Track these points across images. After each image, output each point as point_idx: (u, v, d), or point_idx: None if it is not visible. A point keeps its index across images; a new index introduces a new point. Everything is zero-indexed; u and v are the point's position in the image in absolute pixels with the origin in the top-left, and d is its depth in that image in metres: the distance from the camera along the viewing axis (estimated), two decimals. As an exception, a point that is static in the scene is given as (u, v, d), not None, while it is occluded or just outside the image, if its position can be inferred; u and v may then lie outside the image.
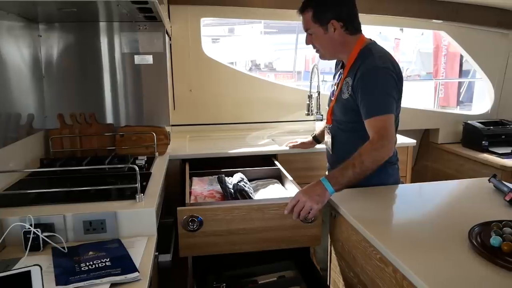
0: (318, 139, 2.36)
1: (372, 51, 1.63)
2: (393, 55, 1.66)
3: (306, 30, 1.71)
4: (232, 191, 1.77)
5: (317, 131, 2.39)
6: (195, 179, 2.03)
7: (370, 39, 1.72)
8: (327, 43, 1.69)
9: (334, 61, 1.93)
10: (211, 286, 1.67)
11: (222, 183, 1.81)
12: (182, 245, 1.55)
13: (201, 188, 1.90)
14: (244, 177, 1.91)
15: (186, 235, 1.54)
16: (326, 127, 1.88)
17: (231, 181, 1.86)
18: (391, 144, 1.51)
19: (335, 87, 1.81)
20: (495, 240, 1.08)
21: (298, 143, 2.44)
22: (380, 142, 1.49)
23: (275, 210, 1.56)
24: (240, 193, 1.75)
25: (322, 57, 1.79)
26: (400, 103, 1.68)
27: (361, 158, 1.48)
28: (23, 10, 1.80)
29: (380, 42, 1.73)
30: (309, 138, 2.41)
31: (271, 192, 1.90)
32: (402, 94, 1.67)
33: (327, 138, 1.86)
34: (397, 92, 1.60)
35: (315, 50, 1.76)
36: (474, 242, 1.10)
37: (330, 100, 1.85)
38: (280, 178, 2.09)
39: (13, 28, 1.85)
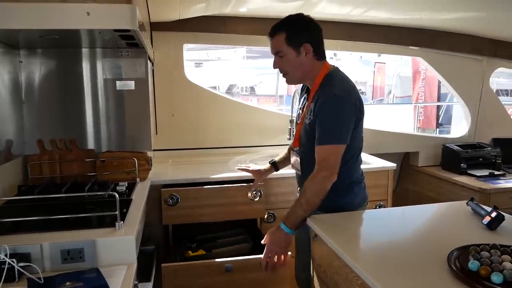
0: (277, 166, 2.16)
1: (333, 79, 1.69)
2: (374, 78, 1.73)
3: (276, 53, 1.73)
4: None
5: (279, 156, 2.18)
6: None
7: (333, 66, 1.77)
8: (297, 67, 1.72)
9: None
10: (185, 246, 2.25)
11: None
12: (165, 216, 2.24)
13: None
14: None
15: (167, 209, 2.23)
16: (293, 149, 1.89)
17: None
18: (331, 174, 1.60)
19: (301, 111, 1.86)
20: (473, 264, 1.09)
21: (250, 168, 2.23)
22: (319, 174, 1.61)
23: (232, 191, 2.29)
24: None
25: (289, 81, 1.82)
26: (362, 126, 1.73)
27: (305, 195, 1.62)
28: (4, 36, 1.79)
29: (361, 67, 1.80)
30: (266, 165, 2.20)
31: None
32: (363, 117, 1.71)
33: (295, 160, 1.87)
34: (354, 120, 1.65)
35: (282, 74, 1.79)
36: (453, 267, 1.12)
37: (296, 123, 1.90)
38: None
39: (-7, 54, 1.84)
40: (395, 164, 2.71)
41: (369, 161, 2.88)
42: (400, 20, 3.05)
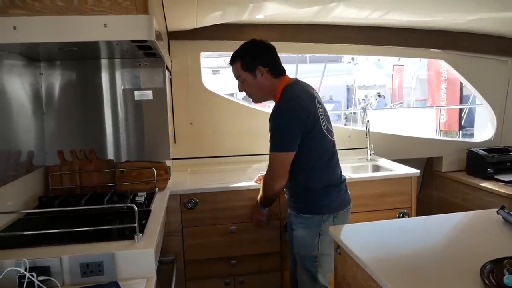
0: None
1: (284, 94, 1.88)
2: (393, 82, 1.76)
3: (237, 78, 1.95)
4: None
5: None
6: None
7: (293, 79, 1.96)
8: (257, 88, 1.93)
9: (332, 89, 2.03)
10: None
11: None
12: (184, 219, 2.37)
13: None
14: None
15: (186, 212, 2.37)
16: None
17: None
18: (273, 178, 1.90)
19: None
20: (509, 279, 1.03)
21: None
22: (267, 177, 1.93)
23: (248, 194, 2.37)
24: None
25: (255, 101, 2.07)
26: (318, 133, 1.87)
27: (262, 189, 2.02)
28: (25, 50, 1.82)
29: (376, 70, 1.80)
30: None
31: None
32: (315, 126, 1.85)
33: None
34: (299, 130, 1.81)
35: (248, 95, 2.02)
36: (487, 282, 1.06)
37: None
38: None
39: (15, 66, 1.86)
40: (418, 171, 2.64)
41: (391, 168, 2.82)
42: (420, 22, 2.99)
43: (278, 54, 1.97)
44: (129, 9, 1.42)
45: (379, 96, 12.34)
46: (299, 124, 1.81)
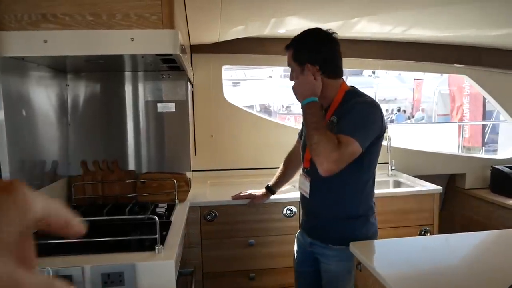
0: (273, 189, 2.30)
1: (358, 93, 1.67)
2: (413, 96, 1.69)
3: (288, 65, 1.74)
4: None
5: (273, 180, 2.29)
6: None
7: (351, 86, 1.73)
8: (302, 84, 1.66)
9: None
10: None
11: None
12: (203, 230, 2.39)
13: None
14: None
15: (206, 224, 2.39)
16: (303, 170, 1.79)
17: None
18: (334, 161, 1.45)
19: None
20: (538, 303, 1.00)
21: (246, 193, 2.39)
22: (337, 151, 1.45)
23: (267, 207, 2.42)
24: None
25: (297, 98, 1.74)
26: (381, 146, 1.66)
27: (324, 136, 1.48)
28: (53, 62, 1.87)
29: (397, 84, 1.75)
30: (262, 190, 2.35)
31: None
32: (383, 135, 1.64)
33: (303, 182, 1.76)
34: (378, 130, 1.58)
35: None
36: (515, 305, 1.02)
37: (304, 143, 1.75)
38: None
39: (43, 78, 1.92)
40: (441, 187, 2.59)
41: (413, 184, 2.77)
42: (444, 37, 2.96)
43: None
44: (156, 24, 1.44)
45: (398, 110, 12.23)
46: (380, 122, 1.58)
